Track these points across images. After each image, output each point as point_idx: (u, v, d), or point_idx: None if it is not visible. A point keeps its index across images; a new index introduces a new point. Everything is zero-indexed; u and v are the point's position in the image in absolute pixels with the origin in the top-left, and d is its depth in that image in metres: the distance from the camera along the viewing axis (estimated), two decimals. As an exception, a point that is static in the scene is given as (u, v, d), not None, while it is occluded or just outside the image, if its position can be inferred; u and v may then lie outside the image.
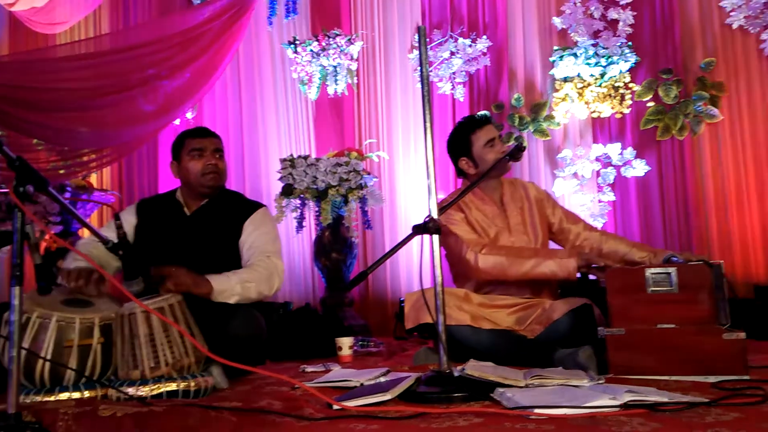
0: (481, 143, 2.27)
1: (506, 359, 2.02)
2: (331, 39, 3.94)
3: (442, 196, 3.82)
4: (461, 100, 3.96)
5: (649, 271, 1.79)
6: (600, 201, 3.70)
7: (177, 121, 4.05)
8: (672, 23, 3.64)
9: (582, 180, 3.72)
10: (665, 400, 1.38)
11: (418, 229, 1.71)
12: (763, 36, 3.47)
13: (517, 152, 2.18)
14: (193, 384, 1.61)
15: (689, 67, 3.60)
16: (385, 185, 3.95)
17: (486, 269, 2.14)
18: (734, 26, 3.52)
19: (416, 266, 3.73)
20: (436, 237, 1.71)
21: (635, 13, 3.67)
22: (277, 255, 2.09)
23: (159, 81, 3.54)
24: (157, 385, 1.59)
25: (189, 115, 4.15)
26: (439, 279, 1.68)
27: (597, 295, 2.04)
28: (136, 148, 3.98)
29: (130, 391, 1.56)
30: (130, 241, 2.02)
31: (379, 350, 2.68)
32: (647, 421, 1.26)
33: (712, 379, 1.67)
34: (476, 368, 1.72)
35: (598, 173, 3.72)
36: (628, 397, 1.38)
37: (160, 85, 3.51)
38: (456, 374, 1.64)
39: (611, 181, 3.70)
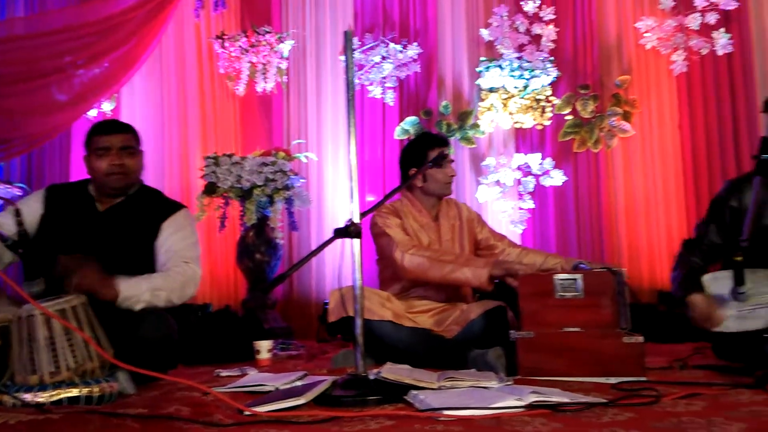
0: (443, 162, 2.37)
1: (425, 358, 2.07)
2: (260, 36, 3.88)
3: (372, 200, 3.88)
4: (391, 104, 4.00)
5: (557, 278, 1.88)
6: (520, 208, 3.84)
7: (94, 113, 3.86)
8: (591, 41, 3.83)
9: (504, 188, 3.84)
10: (567, 400, 1.45)
11: (339, 233, 1.72)
12: (674, 57, 3.71)
13: (440, 159, 2.24)
14: (96, 389, 1.54)
15: (605, 83, 3.80)
16: (313, 187, 3.93)
17: (410, 268, 2.23)
18: (648, 47, 3.75)
19: (338, 268, 3.73)
20: (356, 241, 1.71)
21: (558, 29, 3.84)
22: (196, 261, 2.03)
23: (75, 70, 3.36)
24: (57, 391, 1.51)
25: (108, 107, 3.97)
26: (359, 282, 1.70)
27: (513, 299, 2.12)
28: (47, 139, 3.76)
29: (27, 397, 1.47)
30: (33, 232, 1.90)
31: (299, 353, 2.66)
32: (549, 421, 1.32)
33: (612, 380, 1.77)
34: (392, 371, 1.74)
35: (519, 181, 3.85)
36: (532, 398, 1.44)
37: (76, 74, 3.33)
38: (372, 377, 1.66)
39: (531, 190, 3.84)
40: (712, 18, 3.61)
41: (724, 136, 3.64)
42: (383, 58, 3.97)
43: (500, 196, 3.85)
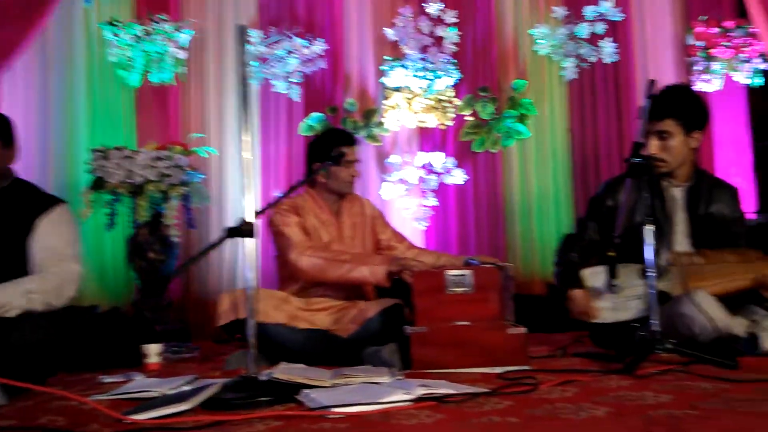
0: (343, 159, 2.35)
1: (321, 358, 2.07)
2: (157, 24, 3.69)
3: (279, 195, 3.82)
4: (297, 100, 3.95)
5: (449, 274, 1.94)
6: (423, 206, 3.92)
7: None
8: (490, 45, 3.98)
9: (408, 185, 3.91)
10: (452, 392, 1.50)
11: (231, 232, 1.67)
12: (565, 64, 3.93)
13: (339, 157, 2.25)
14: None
15: (503, 86, 3.96)
16: (214, 183, 3.80)
17: (307, 270, 2.23)
18: (541, 53, 3.95)
19: (239, 267, 3.65)
20: (250, 240, 1.68)
21: (460, 33, 3.95)
22: (75, 259, 1.92)
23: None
24: None
25: (-16, 94, 3.62)
26: (252, 282, 1.67)
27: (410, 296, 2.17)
28: None
29: None
30: None
31: (193, 356, 2.57)
32: (434, 412, 1.36)
33: (498, 369, 1.86)
34: (285, 371, 1.72)
35: (422, 180, 3.93)
36: (420, 391, 1.48)
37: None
38: (264, 378, 1.63)
39: (434, 188, 3.94)
40: (599, 28, 3.87)
41: (609, 139, 3.92)
42: (288, 52, 3.90)
43: (404, 194, 3.92)
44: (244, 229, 1.65)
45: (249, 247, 1.66)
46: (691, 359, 1.77)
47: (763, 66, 3.71)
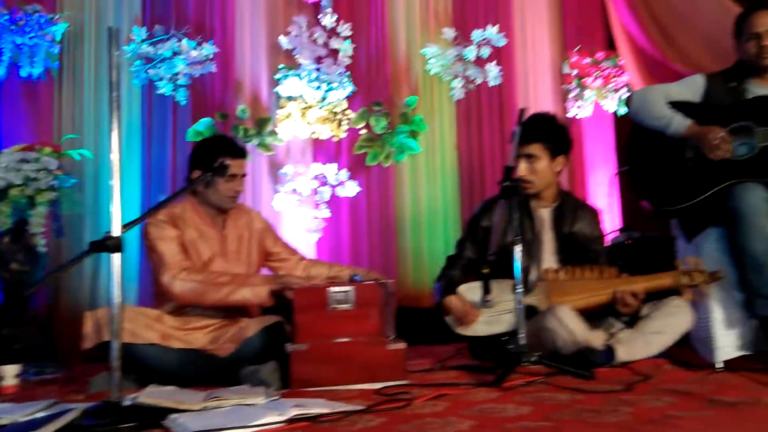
0: (223, 175, 2.24)
1: (197, 379, 1.99)
2: (28, 14, 3.39)
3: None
4: (183, 103, 3.79)
5: (331, 291, 1.95)
6: (316, 217, 3.91)
7: None
8: (384, 60, 4.06)
9: (301, 196, 3.88)
10: (327, 410, 1.50)
11: (96, 247, 1.57)
12: (453, 84, 4.09)
13: (221, 169, 2.18)
14: None
15: (396, 102, 4.05)
16: (89, 189, 3.54)
17: (181, 294, 2.11)
18: (432, 72, 4.09)
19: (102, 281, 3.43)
20: (117, 255, 1.58)
21: (354, 46, 4.00)
22: None
23: None
24: None
25: None
26: (117, 300, 1.57)
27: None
28: None
29: None
30: None
31: (56, 377, 2.37)
32: (306, 433, 1.35)
33: (378, 385, 1.88)
34: (152, 394, 1.64)
35: (315, 191, 3.92)
36: (294, 412, 1.46)
37: None
38: (129, 403, 1.54)
39: (327, 199, 3.93)
40: (485, 52, 4.07)
41: (494, 158, 4.12)
42: (175, 53, 3.74)
43: (297, 205, 3.88)
44: (108, 244, 1.55)
45: (115, 262, 1.57)
46: (554, 371, 1.89)
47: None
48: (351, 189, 3.95)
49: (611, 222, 3.95)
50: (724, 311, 2.20)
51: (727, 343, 2.14)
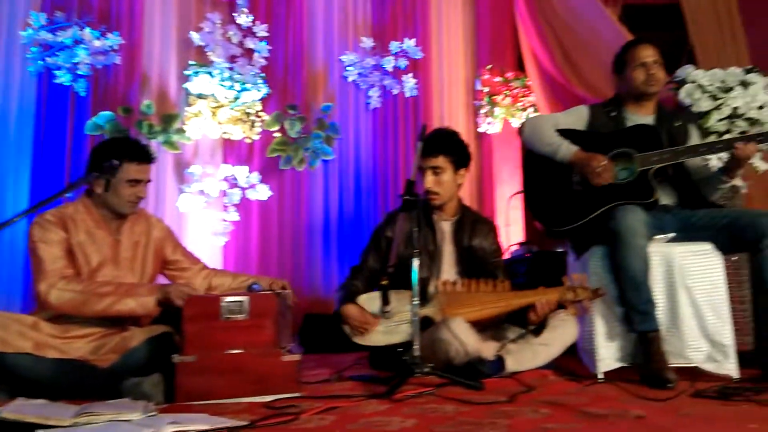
0: (125, 179, 2.11)
1: (75, 392, 1.87)
2: None
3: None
4: (83, 95, 3.57)
5: (224, 300, 1.89)
6: (224, 220, 3.79)
7: None
8: (301, 64, 4.02)
9: (208, 198, 3.75)
10: (207, 427, 1.45)
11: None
12: (371, 93, 4.12)
13: (111, 170, 2.06)
14: None
15: (312, 107, 4.02)
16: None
17: (59, 305, 1.97)
18: (349, 79, 4.09)
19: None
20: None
21: (271, 47, 3.93)
22: None
23: None
24: None
25: None
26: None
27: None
28: None
29: None
30: None
31: None
32: (180, 452, 1.30)
33: (269, 398, 1.84)
34: (18, 408, 1.52)
35: (224, 193, 3.81)
36: (169, 429, 1.40)
37: None
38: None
39: (236, 202, 3.83)
40: (402, 63, 4.13)
41: (408, 167, 4.18)
42: (76, 42, 3.52)
43: (204, 207, 3.75)
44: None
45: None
46: (445, 382, 1.93)
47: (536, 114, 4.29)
48: (262, 192, 3.87)
49: (515, 235, 4.12)
50: (606, 325, 2.33)
51: (608, 355, 2.28)
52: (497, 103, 4.21)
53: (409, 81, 4.14)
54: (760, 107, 2.59)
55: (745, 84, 2.61)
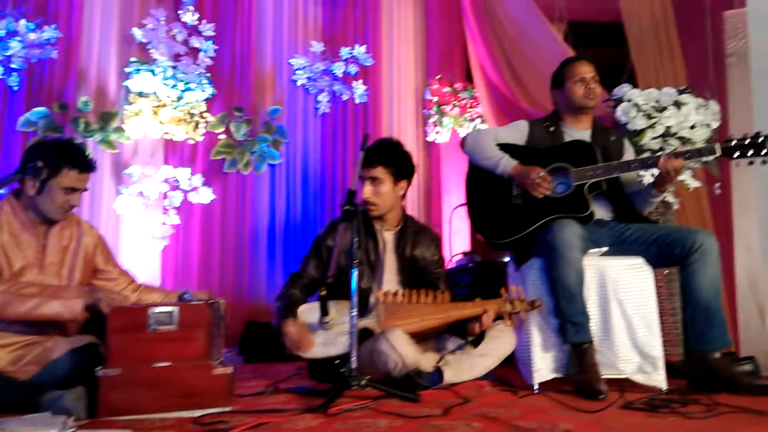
0: (62, 185, 2.00)
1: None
2: None
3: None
4: (16, 89, 3.39)
5: (152, 311, 1.81)
6: (164, 223, 3.67)
7: None
8: (249, 66, 3.94)
9: (147, 200, 3.62)
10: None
11: None
12: (320, 97, 4.08)
13: (35, 171, 1.94)
14: None
15: (259, 109, 3.95)
16: None
17: None
18: (298, 83, 4.04)
19: None
20: None
21: (217, 47, 3.84)
22: None
23: None
24: None
25: None
26: None
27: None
28: None
29: None
30: None
31: None
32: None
33: (198, 413, 1.78)
34: None
35: (165, 195, 3.69)
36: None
37: None
38: None
39: (177, 205, 3.71)
40: (353, 69, 4.11)
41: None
42: (10, 34, 3.34)
43: (143, 209, 3.62)
44: None
45: None
46: (382, 394, 1.91)
47: (483, 126, 4.34)
48: (205, 195, 3.77)
49: (461, 244, 4.15)
50: (542, 336, 2.37)
51: (544, 366, 2.31)
52: (446, 113, 4.24)
53: (359, 87, 4.13)
54: (692, 127, 2.70)
55: (678, 104, 2.71)
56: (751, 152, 2.16)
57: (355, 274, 1.93)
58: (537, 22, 3.66)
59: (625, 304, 2.34)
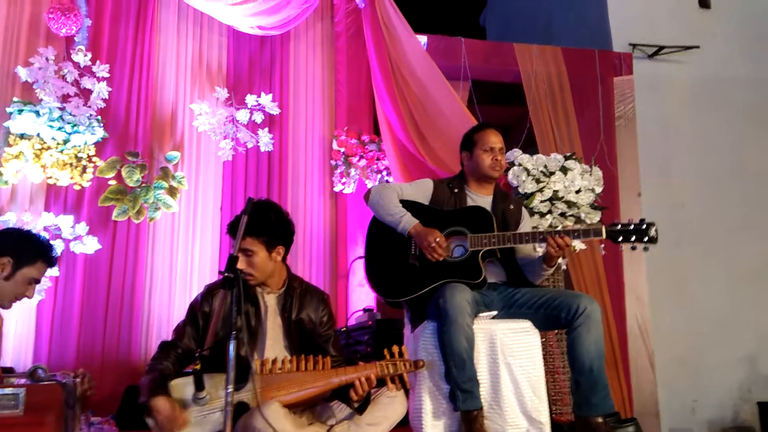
0: (34, 275, 2.04)
1: None
2: None
3: None
4: None
5: (-10, 393, 1.60)
6: (41, 275, 3.36)
7: None
8: (146, 109, 3.76)
9: (23, 250, 3.31)
10: None
11: None
12: (222, 144, 3.95)
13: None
14: None
15: (156, 155, 3.76)
16: None
17: None
18: (200, 129, 3.90)
19: None
20: None
21: (110, 89, 3.65)
22: None
23: None
24: None
25: None
26: None
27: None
28: None
29: None
30: None
31: None
32: None
33: None
34: None
35: (45, 244, 3.39)
36: None
37: None
38: None
39: (58, 255, 3.41)
40: (258, 117, 4.02)
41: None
42: None
43: (17, 259, 3.30)
44: None
45: None
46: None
47: (389, 179, 4.36)
48: (90, 245, 3.50)
49: (366, 297, 4.09)
50: (433, 402, 2.33)
51: (435, 433, 2.27)
52: (353, 164, 4.23)
53: (265, 136, 4.04)
54: (577, 191, 2.83)
55: (564, 170, 2.83)
56: (633, 238, 2.27)
57: (232, 346, 1.81)
58: (440, 86, 3.77)
59: (514, 367, 2.36)
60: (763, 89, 5.29)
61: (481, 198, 2.63)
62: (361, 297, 4.03)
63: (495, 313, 2.43)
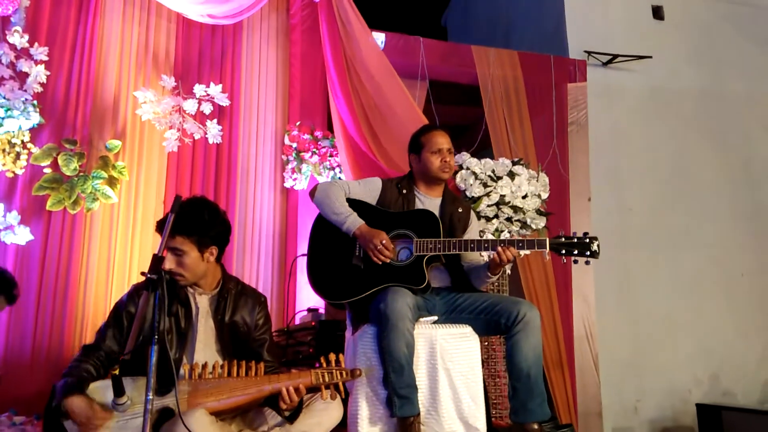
0: None
1: None
2: None
3: None
4: None
5: None
6: (-34, 267, 3.17)
7: None
8: (86, 95, 3.59)
9: (-54, 239, 3.12)
10: None
11: None
12: (167, 134, 3.80)
13: None
14: None
15: (95, 143, 3.59)
16: None
17: None
18: (144, 118, 3.74)
19: None
20: None
21: (48, 73, 3.46)
22: None
23: None
24: None
25: None
26: None
27: None
28: None
29: None
30: None
31: None
32: None
33: None
34: None
35: (-29, 234, 3.20)
36: None
37: None
38: None
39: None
40: (207, 108, 3.89)
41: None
42: None
43: (-61, 249, 3.11)
44: None
45: None
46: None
47: (341, 176, 4.29)
48: (22, 236, 3.32)
49: (314, 297, 4.01)
50: (370, 407, 2.29)
51: (371, 440, 2.23)
52: (305, 160, 4.15)
53: (214, 127, 3.91)
54: (524, 196, 2.82)
55: (512, 174, 2.83)
56: (576, 251, 2.27)
57: (155, 349, 1.72)
58: (393, 85, 3.72)
59: (453, 373, 2.34)
60: (708, 101, 5.44)
61: (429, 200, 2.59)
62: (309, 296, 3.96)
63: (436, 318, 2.40)
